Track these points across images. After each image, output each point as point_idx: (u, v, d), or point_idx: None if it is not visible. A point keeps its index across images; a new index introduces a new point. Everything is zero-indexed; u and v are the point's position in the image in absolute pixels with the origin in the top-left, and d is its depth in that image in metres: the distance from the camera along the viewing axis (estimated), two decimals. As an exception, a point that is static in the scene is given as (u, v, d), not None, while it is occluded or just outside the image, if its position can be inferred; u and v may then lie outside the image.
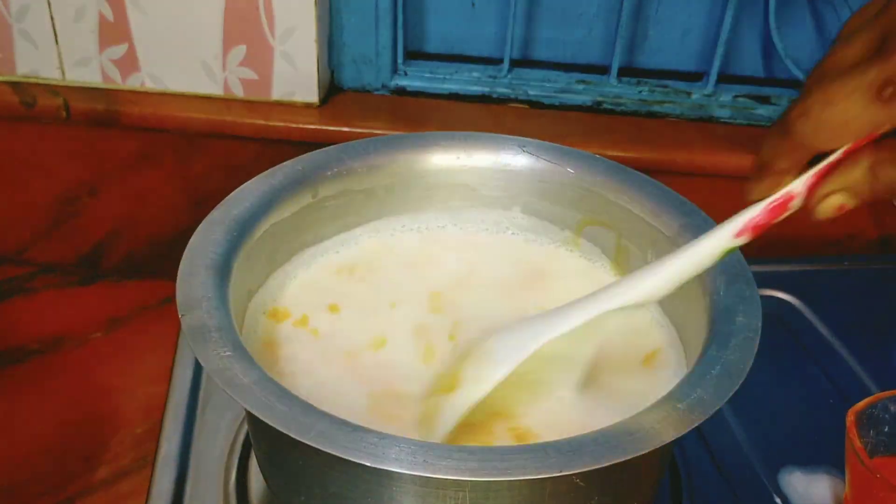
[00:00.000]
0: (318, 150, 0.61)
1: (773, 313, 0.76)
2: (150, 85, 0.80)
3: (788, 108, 0.39)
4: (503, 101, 0.85)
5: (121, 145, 0.81)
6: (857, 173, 0.39)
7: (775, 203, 0.42)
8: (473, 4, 0.84)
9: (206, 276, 0.49)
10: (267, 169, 0.58)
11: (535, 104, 0.85)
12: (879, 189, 0.38)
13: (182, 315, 0.47)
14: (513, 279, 0.63)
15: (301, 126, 0.79)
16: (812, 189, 0.40)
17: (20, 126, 0.81)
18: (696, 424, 0.43)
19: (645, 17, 0.84)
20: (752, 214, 0.43)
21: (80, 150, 0.82)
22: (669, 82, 0.84)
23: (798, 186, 0.41)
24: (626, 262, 0.62)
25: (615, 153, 0.78)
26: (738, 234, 0.43)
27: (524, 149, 0.63)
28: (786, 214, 0.42)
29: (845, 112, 0.36)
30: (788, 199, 0.41)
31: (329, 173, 0.60)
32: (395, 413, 0.51)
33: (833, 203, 0.40)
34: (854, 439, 0.54)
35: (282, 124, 0.79)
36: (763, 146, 0.41)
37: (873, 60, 0.36)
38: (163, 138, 0.81)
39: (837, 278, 0.82)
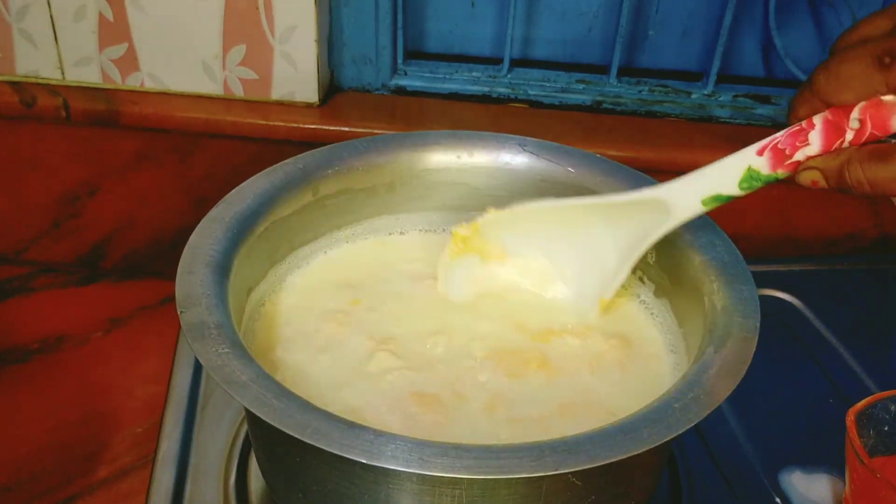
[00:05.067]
0: (318, 149, 0.61)
1: (773, 313, 0.76)
2: (149, 85, 0.81)
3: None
4: (503, 100, 0.85)
5: (121, 145, 0.81)
6: (835, 163, 0.45)
7: (794, 129, 0.46)
8: (473, 4, 0.84)
9: (205, 274, 0.49)
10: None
11: (535, 104, 0.85)
12: (846, 182, 0.45)
13: (181, 312, 0.47)
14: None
15: (301, 126, 0.79)
16: (827, 133, 0.46)
17: (20, 126, 0.81)
18: (691, 425, 0.43)
19: (645, 17, 0.84)
20: (774, 136, 0.47)
21: (80, 149, 0.82)
22: (669, 82, 0.84)
23: (816, 119, 0.46)
24: (625, 262, 0.62)
25: (615, 153, 0.78)
26: (760, 152, 0.47)
27: (525, 148, 0.63)
28: (805, 148, 0.46)
29: (852, 70, 0.43)
30: (807, 128, 0.46)
31: (329, 172, 0.60)
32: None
33: (809, 175, 0.46)
34: (854, 439, 0.54)
35: (282, 124, 0.79)
36: (794, 97, 0.47)
37: (884, 38, 0.43)
38: (163, 138, 0.81)
39: (837, 278, 0.82)
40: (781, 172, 0.47)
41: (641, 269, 0.60)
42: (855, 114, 0.44)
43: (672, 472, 0.62)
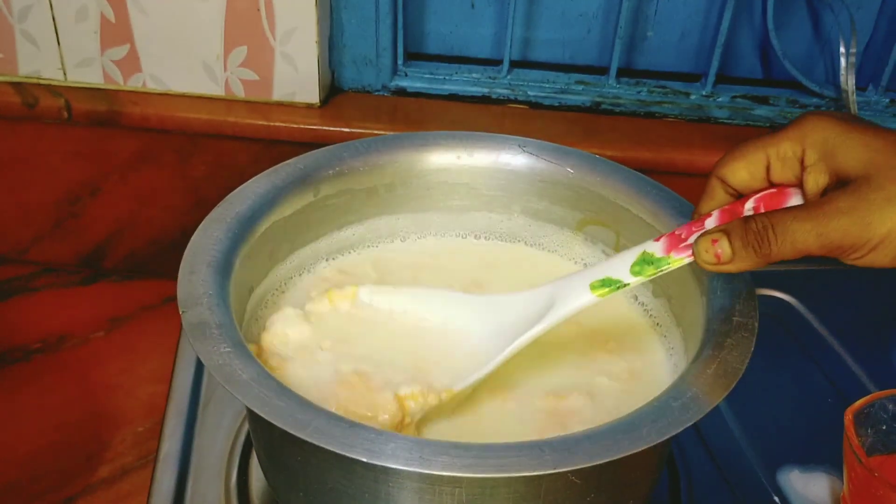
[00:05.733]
0: (319, 149, 0.61)
1: (773, 313, 0.76)
2: (151, 85, 0.81)
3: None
4: (503, 101, 0.85)
5: (122, 146, 0.82)
6: (737, 220, 0.45)
7: (692, 221, 0.49)
8: (473, 5, 0.84)
9: (207, 274, 0.50)
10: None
11: (534, 105, 0.85)
12: (750, 236, 0.44)
13: (183, 311, 0.47)
14: (513, 278, 0.63)
15: (302, 127, 0.79)
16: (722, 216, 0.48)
17: (22, 126, 0.81)
18: (690, 423, 0.43)
19: (644, 18, 0.84)
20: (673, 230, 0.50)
21: (81, 150, 0.82)
22: (668, 83, 0.85)
23: (714, 211, 0.49)
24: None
25: (614, 153, 0.78)
26: (657, 239, 0.49)
27: (524, 149, 0.63)
28: (699, 231, 0.47)
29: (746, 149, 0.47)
30: (704, 218, 0.49)
31: (330, 172, 0.60)
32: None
33: (709, 238, 0.45)
34: (852, 438, 0.54)
35: (283, 125, 0.79)
36: (700, 200, 0.50)
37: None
38: (164, 139, 0.81)
39: (836, 278, 0.82)
40: (674, 255, 0.48)
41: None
42: (749, 203, 0.47)
43: (671, 471, 0.62)
